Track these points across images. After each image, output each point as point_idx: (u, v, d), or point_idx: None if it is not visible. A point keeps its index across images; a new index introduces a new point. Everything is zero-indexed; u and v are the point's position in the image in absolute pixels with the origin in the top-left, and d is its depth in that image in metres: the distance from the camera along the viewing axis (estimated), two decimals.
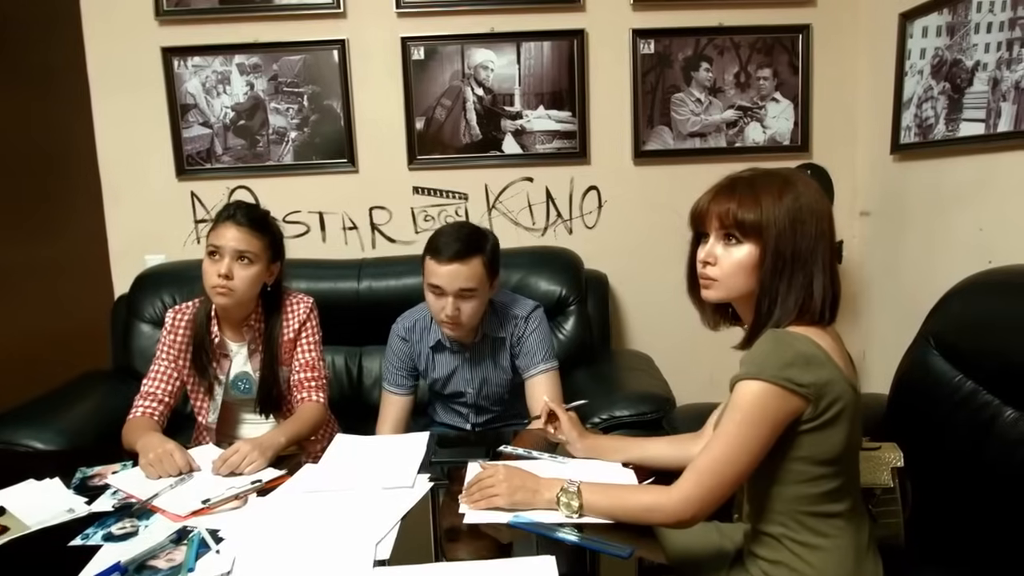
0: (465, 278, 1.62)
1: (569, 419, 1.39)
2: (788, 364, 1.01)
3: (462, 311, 1.64)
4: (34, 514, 1.21)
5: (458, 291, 1.63)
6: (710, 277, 1.12)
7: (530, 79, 2.45)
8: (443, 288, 1.63)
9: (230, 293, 1.54)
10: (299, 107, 2.43)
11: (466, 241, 1.65)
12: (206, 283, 1.56)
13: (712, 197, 1.13)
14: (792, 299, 1.06)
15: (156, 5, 2.36)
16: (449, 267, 1.61)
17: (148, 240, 2.50)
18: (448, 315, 1.64)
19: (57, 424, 1.87)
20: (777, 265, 1.06)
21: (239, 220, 1.56)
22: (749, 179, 1.12)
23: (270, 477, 1.31)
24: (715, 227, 1.11)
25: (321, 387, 1.66)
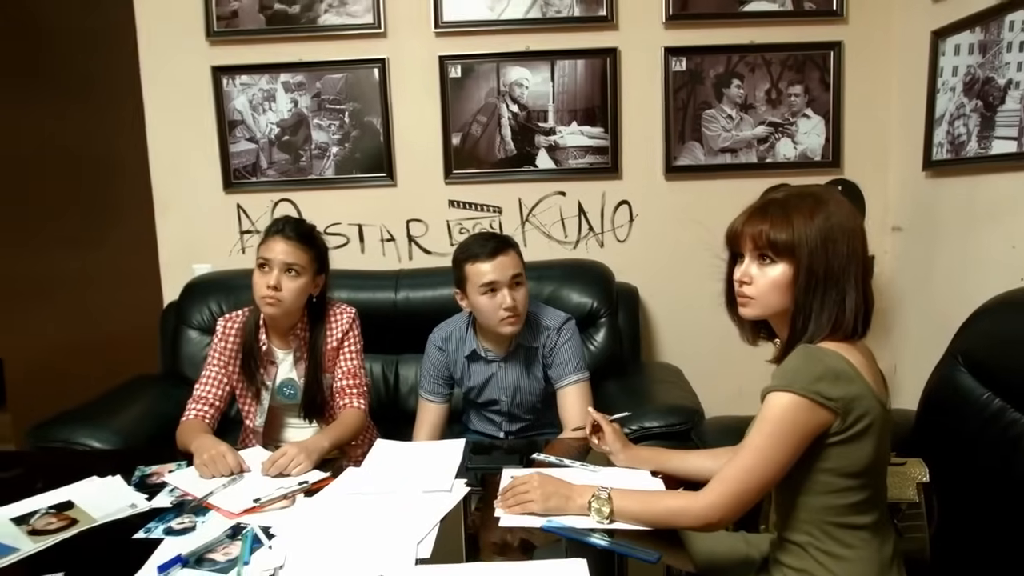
0: (513, 265, 1.73)
1: (613, 430, 1.44)
2: (818, 378, 1.05)
3: (518, 300, 1.72)
4: (100, 508, 1.30)
5: (511, 279, 1.72)
6: (746, 296, 1.17)
7: (564, 96, 2.51)
8: (497, 281, 1.71)
9: (278, 303, 1.63)
10: (340, 123, 2.53)
11: (498, 238, 1.78)
12: (256, 293, 1.65)
13: (746, 219, 1.17)
14: (825, 315, 1.10)
15: (207, 26, 2.48)
16: (496, 260, 1.71)
17: (196, 250, 2.61)
18: (509, 305, 1.71)
19: (113, 425, 1.97)
20: (810, 283, 1.10)
21: (287, 234, 1.65)
22: (781, 200, 1.16)
23: (316, 479, 1.38)
24: (749, 248, 1.15)
25: (362, 394, 1.74)
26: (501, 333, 1.77)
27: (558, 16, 2.46)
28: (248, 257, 2.57)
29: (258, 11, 2.47)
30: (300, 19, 2.47)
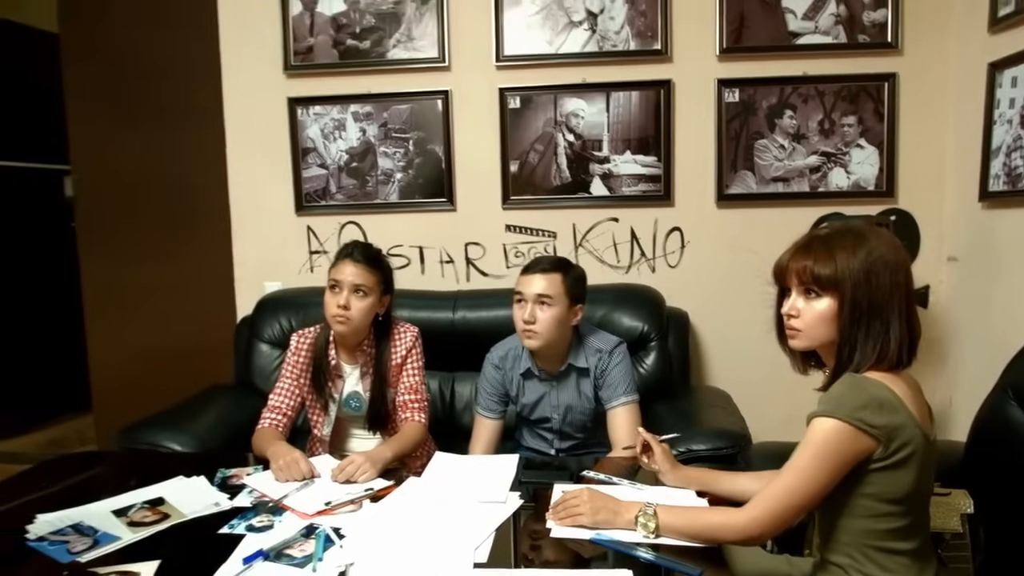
0: (542, 286, 1.82)
1: (662, 450, 1.50)
2: (862, 406, 1.11)
3: (538, 318, 1.81)
4: (188, 505, 1.43)
5: (535, 296, 1.81)
6: (794, 328, 1.23)
7: (618, 126, 2.60)
8: (523, 294, 1.83)
9: (348, 322, 1.76)
10: (405, 151, 2.67)
11: (550, 261, 1.88)
12: (327, 312, 1.78)
13: (791, 255, 1.24)
14: (870, 346, 1.16)
15: (285, 61, 2.66)
16: (530, 276, 1.84)
17: (268, 268, 2.78)
18: (525, 320, 1.81)
19: (192, 430, 2.12)
20: (854, 315, 1.16)
21: (356, 257, 1.79)
22: (824, 237, 1.23)
23: (380, 486, 1.49)
24: (795, 283, 1.22)
25: (423, 408, 1.85)
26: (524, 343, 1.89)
27: (614, 50, 2.56)
28: (316, 276, 2.73)
29: (332, 46, 2.65)
30: (370, 54, 2.64)
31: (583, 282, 1.91)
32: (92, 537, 1.29)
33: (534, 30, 2.58)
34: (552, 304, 1.81)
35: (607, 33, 2.56)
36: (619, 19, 2.55)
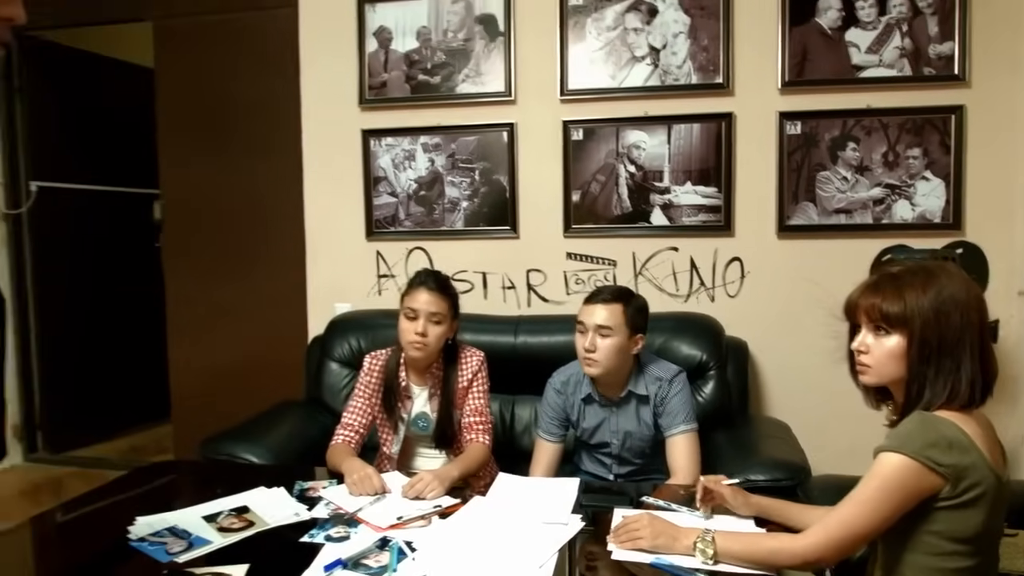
0: (602, 317, 1.88)
1: (731, 491, 1.49)
2: (931, 444, 1.13)
3: (598, 347, 1.87)
4: (270, 514, 1.53)
5: (596, 326, 1.87)
6: (864, 364, 1.27)
7: (679, 157, 2.65)
8: (585, 324, 1.89)
9: (424, 348, 1.86)
10: (471, 180, 2.78)
11: (612, 292, 1.93)
12: (404, 339, 1.88)
13: (861, 292, 1.28)
14: (940, 384, 1.18)
15: (360, 95, 2.82)
16: (591, 306, 1.90)
17: (338, 290, 2.92)
18: (586, 348, 1.87)
19: (266, 442, 2.25)
20: (923, 353, 1.19)
21: (431, 286, 1.88)
22: (895, 274, 1.25)
23: (448, 503, 1.57)
24: (864, 320, 1.26)
25: (487, 431, 1.93)
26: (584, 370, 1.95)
27: (676, 84, 2.62)
28: (384, 299, 2.85)
29: (404, 81, 2.79)
30: (440, 88, 2.77)
31: (645, 312, 1.96)
32: (187, 540, 1.41)
33: (597, 65, 2.66)
34: (612, 334, 1.87)
35: (669, 67, 2.63)
36: (681, 54, 2.62)
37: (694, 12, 2.60)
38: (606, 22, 2.65)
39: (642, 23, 2.63)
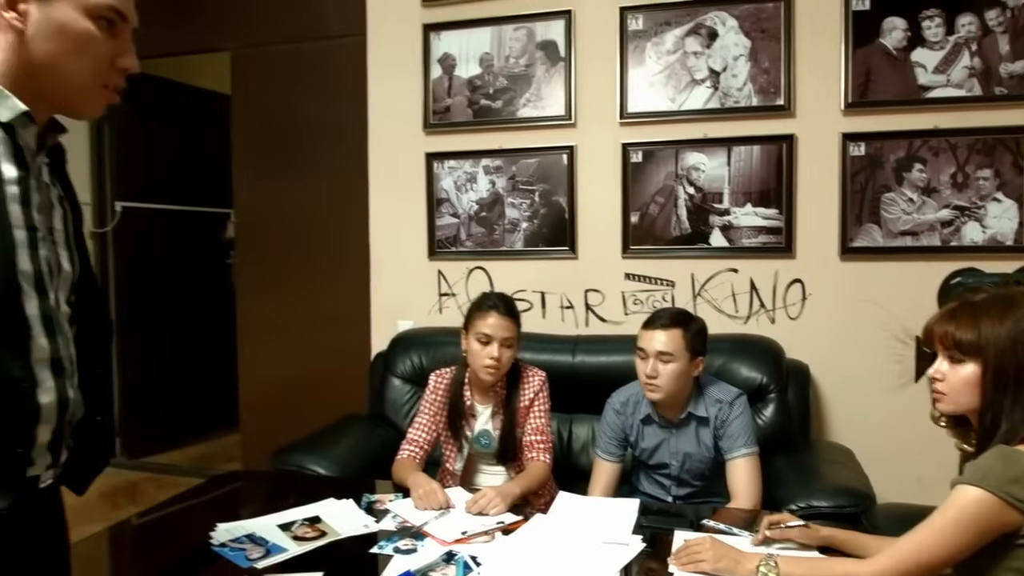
0: (662, 343, 1.89)
1: (800, 531, 1.45)
2: (1012, 480, 1.11)
3: (660, 373, 1.88)
4: (341, 524, 1.61)
5: (656, 352, 1.88)
6: (939, 391, 1.27)
7: (739, 179, 2.65)
8: (646, 351, 1.90)
9: (497, 372, 1.93)
10: (531, 202, 2.84)
11: (671, 316, 1.94)
12: (476, 362, 1.94)
13: (937, 319, 1.28)
14: (1018, 415, 1.16)
15: (424, 120, 2.92)
16: (651, 332, 1.91)
17: (401, 307, 3.01)
18: (647, 374, 1.89)
19: (332, 454, 2.33)
20: (999, 382, 1.18)
21: (502, 311, 1.95)
22: (972, 302, 1.25)
23: (511, 520, 1.62)
24: (940, 347, 1.26)
25: (548, 449, 1.97)
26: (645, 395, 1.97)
27: (736, 106, 2.63)
28: (445, 317, 2.93)
29: (467, 106, 2.88)
30: (502, 112, 2.85)
31: (704, 335, 1.98)
32: (264, 547, 1.49)
33: (657, 88, 2.70)
34: (673, 359, 1.89)
35: (729, 90, 2.64)
36: (742, 77, 2.63)
37: (755, 35, 2.61)
38: (666, 46, 2.68)
39: (702, 47, 2.66)
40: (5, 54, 0.91)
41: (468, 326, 1.99)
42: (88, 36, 0.93)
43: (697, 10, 2.65)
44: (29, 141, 0.94)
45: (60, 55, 0.92)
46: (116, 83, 0.99)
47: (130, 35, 0.99)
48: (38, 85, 0.93)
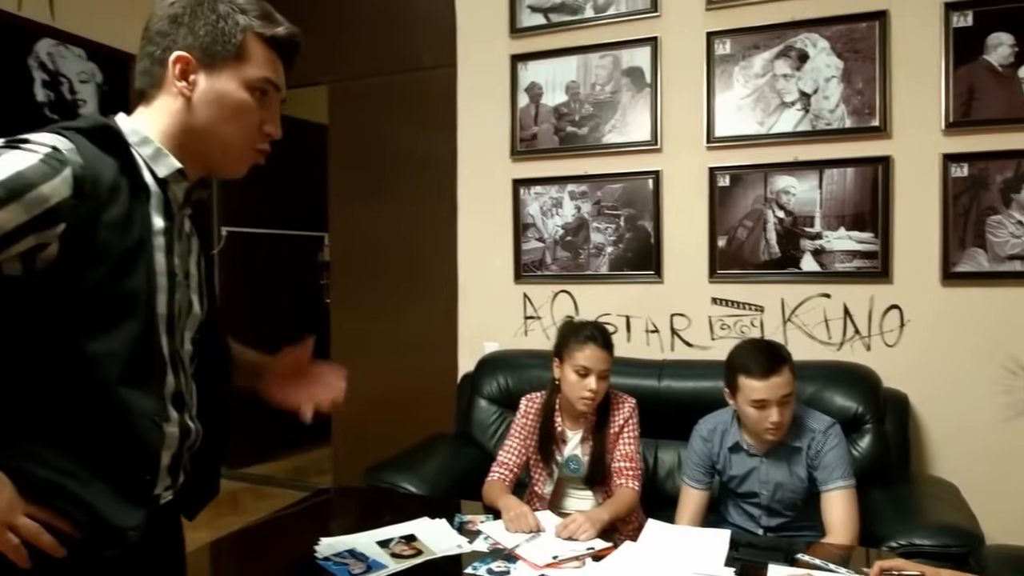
0: (783, 385, 1.85)
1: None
2: None
3: (784, 415, 1.86)
4: (436, 544, 1.66)
5: (781, 398, 1.85)
6: None
7: (831, 202, 2.60)
8: (768, 400, 1.85)
9: (594, 403, 1.96)
10: (616, 226, 2.87)
11: (778, 355, 1.89)
12: (573, 393, 1.97)
13: None
14: None
15: (511, 147, 3.00)
16: (770, 380, 1.84)
17: (487, 329, 3.09)
18: (774, 422, 1.85)
19: (422, 473, 2.41)
20: None
21: (600, 344, 1.97)
22: None
23: (600, 547, 1.63)
24: None
25: (637, 476, 1.98)
26: (764, 438, 1.92)
27: (828, 128, 2.58)
28: (530, 339, 2.99)
29: (553, 133, 2.94)
30: (588, 139, 2.89)
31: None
32: (365, 563, 1.56)
33: (745, 112, 2.68)
34: (791, 398, 1.87)
35: (821, 112, 2.60)
36: (834, 98, 2.58)
37: (847, 56, 2.56)
38: (754, 69, 2.67)
39: (792, 69, 2.62)
40: (171, 117, 1.03)
41: (563, 355, 2.02)
42: (244, 105, 1.04)
43: (786, 33, 2.63)
44: (178, 195, 1.05)
45: (218, 121, 1.03)
46: (262, 147, 1.10)
47: (278, 104, 1.10)
48: (195, 146, 1.04)
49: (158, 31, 1.03)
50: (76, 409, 0.92)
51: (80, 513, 0.92)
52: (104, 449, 0.94)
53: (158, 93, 1.04)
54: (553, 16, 2.93)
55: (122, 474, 0.96)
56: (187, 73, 1.02)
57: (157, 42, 1.03)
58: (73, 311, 0.90)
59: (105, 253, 0.91)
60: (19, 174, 0.83)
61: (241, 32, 1.03)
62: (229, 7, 1.03)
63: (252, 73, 1.04)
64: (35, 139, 0.88)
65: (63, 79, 3.20)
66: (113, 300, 0.93)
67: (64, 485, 0.91)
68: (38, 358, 0.90)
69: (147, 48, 1.04)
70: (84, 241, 0.89)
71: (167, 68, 1.02)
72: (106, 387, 0.92)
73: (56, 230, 0.86)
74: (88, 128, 0.95)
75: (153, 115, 1.04)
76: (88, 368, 0.91)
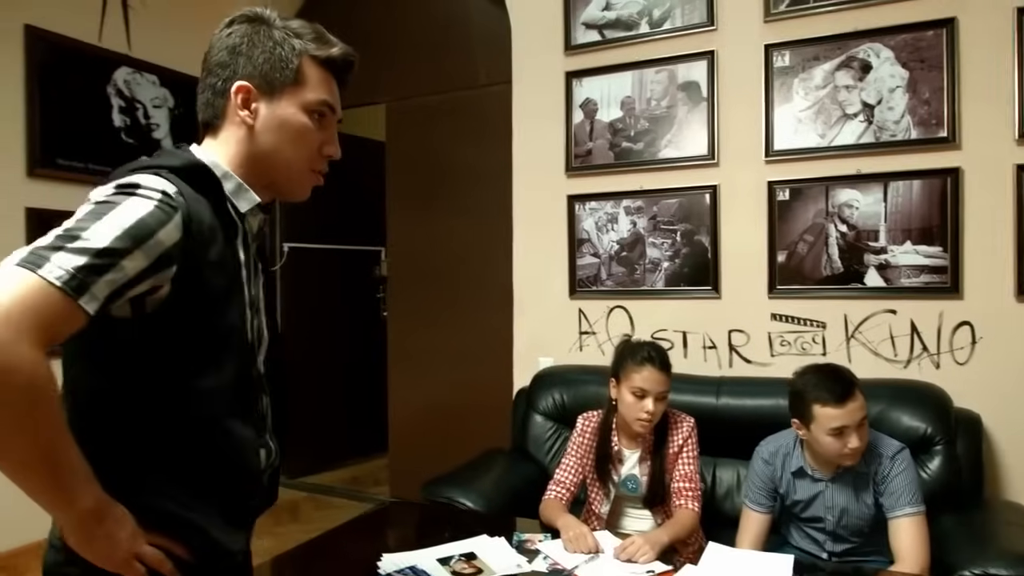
0: (859, 408, 1.81)
1: None
2: None
3: (863, 439, 1.81)
4: (496, 562, 1.68)
5: (858, 423, 1.80)
6: None
7: (897, 216, 2.52)
8: (847, 426, 1.80)
9: (650, 424, 1.96)
10: (672, 241, 2.85)
11: (845, 380, 1.84)
12: (630, 415, 1.97)
13: None
14: None
15: (566, 163, 3.02)
16: (847, 406, 1.79)
17: (542, 344, 3.10)
18: (854, 447, 1.80)
19: (479, 488, 2.42)
20: None
21: (658, 365, 1.96)
22: None
23: (659, 570, 1.62)
24: None
25: (696, 497, 1.96)
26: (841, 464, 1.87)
27: (893, 140, 2.52)
28: (585, 355, 2.98)
29: (608, 148, 2.94)
30: (643, 154, 2.88)
31: None
32: None
33: (805, 124, 2.63)
34: (866, 421, 1.83)
35: (885, 123, 2.53)
36: (899, 109, 2.51)
37: (913, 65, 2.49)
38: (815, 81, 2.62)
39: (854, 80, 2.57)
40: (238, 147, 1.06)
41: (620, 376, 2.01)
42: (304, 128, 1.07)
43: (848, 43, 2.57)
44: (254, 226, 1.09)
45: (280, 145, 1.06)
46: (322, 168, 1.13)
47: (335, 126, 1.13)
48: (261, 173, 1.07)
49: (218, 62, 1.05)
50: (190, 443, 0.96)
51: (196, 539, 0.97)
52: (215, 478, 0.99)
53: (223, 123, 1.06)
54: (608, 32, 2.94)
55: (230, 500, 1.01)
56: (249, 102, 1.04)
57: (218, 73, 1.05)
58: (182, 350, 0.94)
59: (209, 292, 0.94)
60: (141, 222, 0.85)
61: (297, 56, 1.05)
62: (284, 32, 1.05)
63: (310, 96, 1.06)
64: (144, 183, 0.90)
65: (138, 104, 3.36)
66: (217, 337, 0.97)
67: (181, 514, 0.96)
68: (152, 397, 0.94)
69: (208, 80, 1.06)
70: (191, 282, 0.91)
71: (229, 98, 1.04)
72: (216, 420, 0.97)
73: (169, 273, 0.89)
74: (182, 167, 0.97)
75: (221, 146, 1.06)
76: (200, 404, 0.95)
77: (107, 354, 0.92)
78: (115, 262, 0.81)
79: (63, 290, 0.77)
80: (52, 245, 0.80)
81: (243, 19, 1.06)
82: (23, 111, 2.94)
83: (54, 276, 0.77)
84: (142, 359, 0.92)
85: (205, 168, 1.01)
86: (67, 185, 3.07)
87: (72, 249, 0.80)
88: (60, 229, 0.82)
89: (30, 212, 2.95)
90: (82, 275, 0.79)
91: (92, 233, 0.81)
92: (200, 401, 0.95)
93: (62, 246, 0.80)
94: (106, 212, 0.85)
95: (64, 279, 0.77)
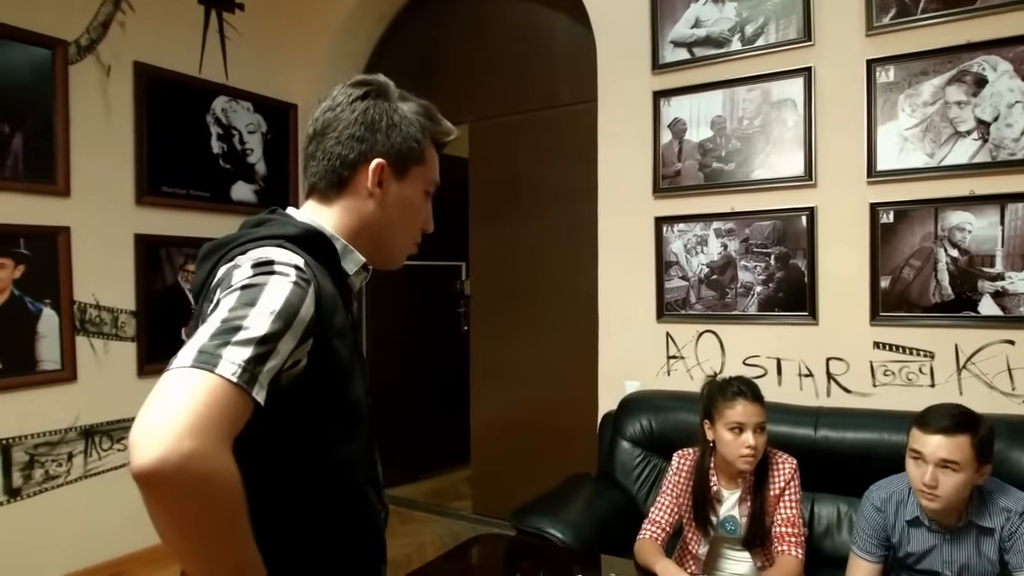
0: (946, 451, 1.70)
1: None
2: None
3: (940, 483, 1.70)
4: None
5: (939, 461, 1.70)
6: None
7: (1015, 240, 2.36)
8: (924, 456, 1.72)
9: (754, 459, 1.90)
10: (766, 265, 2.75)
11: (954, 419, 1.73)
12: (732, 453, 1.91)
13: None
14: None
15: (654, 184, 2.96)
16: (929, 436, 1.72)
17: (628, 368, 3.05)
18: (925, 483, 1.71)
19: (566, 517, 2.41)
20: None
21: (750, 398, 1.92)
22: None
23: None
24: None
25: (800, 543, 1.89)
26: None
27: (1012, 159, 2.35)
28: (673, 380, 2.92)
29: (698, 169, 2.87)
30: (735, 174, 2.79)
31: (992, 440, 1.75)
32: None
33: (912, 143, 2.49)
34: (959, 470, 1.70)
35: (1002, 141, 2.37)
36: (1018, 126, 2.35)
37: None
38: (922, 98, 2.48)
39: (967, 95, 2.41)
40: (355, 218, 1.07)
41: (713, 416, 1.97)
42: (420, 206, 1.11)
43: (960, 57, 2.42)
44: (356, 285, 1.10)
45: (398, 221, 1.09)
46: (419, 240, 1.15)
47: None
48: (369, 241, 1.08)
49: (352, 135, 1.04)
50: (335, 511, 0.98)
51: None
52: (355, 543, 1.01)
53: (344, 193, 1.06)
54: (697, 50, 2.86)
55: (366, 564, 1.04)
56: (381, 180, 1.05)
57: (351, 146, 1.04)
58: (318, 420, 0.94)
59: (339, 361, 0.95)
60: (287, 302, 0.84)
61: (424, 137, 1.07)
62: (411, 112, 1.07)
63: (431, 177, 1.10)
64: (279, 259, 0.89)
65: (234, 131, 3.50)
66: (349, 405, 0.97)
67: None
68: (297, 472, 0.94)
69: (335, 149, 1.05)
70: (324, 353, 0.91)
71: (360, 172, 1.05)
72: (356, 488, 1.00)
73: (307, 347, 0.88)
74: (299, 236, 0.97)
75: (334, 214, 1.06)
76: (341, 473, 0.97)
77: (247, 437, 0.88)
78: (274, 347, 0.81)
79: (239, 385, 0.76)
80: (219, 341, 0.78)
81: (375, 93, 1.07)
82: (132, 143, 3.11)
83: (230, 373, 0.76)
84: (279, 435, 0.90)
85: (322, 236, 1.02)
86: (170, 211, 3.23)
87: (238, 342, 0.78)
88: (217, 321, 0.81)
89: (138, 238, 3.12)
90: (251, 367, 0.78)
91: (251, 322, 0.80)
92: (341, 470, 0.97)
93: (228, 340, 0.78)
94: (257, 297, 0.83)
95: (238, 374, 0.77)
